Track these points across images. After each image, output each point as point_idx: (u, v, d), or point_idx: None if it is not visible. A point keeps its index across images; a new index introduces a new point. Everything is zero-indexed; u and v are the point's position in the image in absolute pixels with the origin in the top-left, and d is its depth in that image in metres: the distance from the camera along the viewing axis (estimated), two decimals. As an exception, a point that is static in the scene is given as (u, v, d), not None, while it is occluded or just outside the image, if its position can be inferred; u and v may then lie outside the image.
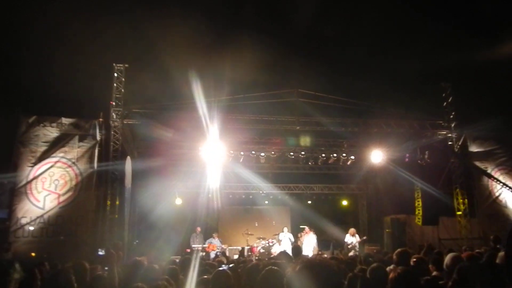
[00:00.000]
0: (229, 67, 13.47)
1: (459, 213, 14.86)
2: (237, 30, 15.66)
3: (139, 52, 13.47)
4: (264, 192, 18.61)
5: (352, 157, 16.57)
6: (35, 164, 12.20)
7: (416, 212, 15.75)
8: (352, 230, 15.34)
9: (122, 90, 13.42)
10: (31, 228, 11.71)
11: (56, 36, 14.58)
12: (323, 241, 16.80)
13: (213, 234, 15.35)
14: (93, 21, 14.84)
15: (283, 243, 15.14)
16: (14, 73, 14.35)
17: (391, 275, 3.16)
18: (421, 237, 15.24)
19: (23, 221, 11.71)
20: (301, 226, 16.13)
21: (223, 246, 15.37)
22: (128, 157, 13.00)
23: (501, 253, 4.68)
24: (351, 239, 15.02)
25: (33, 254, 11.20)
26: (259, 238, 15.86)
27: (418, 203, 15.60)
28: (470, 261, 4.73)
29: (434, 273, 5.08)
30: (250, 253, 15.38)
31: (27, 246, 11.47)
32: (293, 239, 15.36)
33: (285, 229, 15.67)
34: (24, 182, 12.02)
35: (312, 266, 1.85)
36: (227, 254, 15.75)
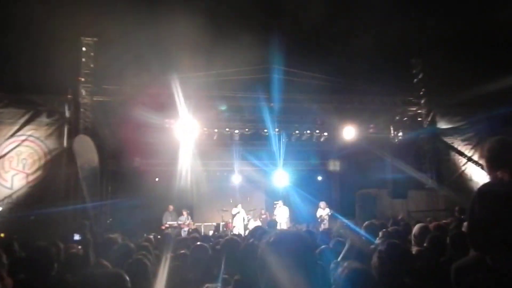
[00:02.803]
0: (202, 42, 13.18)
1: (427, 186, 15.41)
2: (212, 3, 15.28)
3: (109, 25, 12.95)
4: (239, 169, 18.65)
5: (325, 133, 16.74)
6: (1, 142, 11.78)
7: (387, 186, 16.19)
8: (322, 203, 15.65)
9: (91, 65, 13.00)
10: (-1, 208, 11.42)
11: (21, 8, 13.84)
12: (297, 216, 17.10)
13: (183, 211, 15.27)
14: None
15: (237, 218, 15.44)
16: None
17: (379, 248, 3.21)
18: (391, 210, 15.72)
19: (-10, 201, 11.39)
20: (275, 202, 16.32)
21: (191, 222, 15.40)
22: (82, 136, 12.52)
23: (466, 223, 4.89)
24: (322, 212, 15.37)
25: (1, 234, 10.93)
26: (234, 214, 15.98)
27: (388, 177, 16.02)
28: (438, 231, 4.93)
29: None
30: (225, 229, 15.52)
31: (-4, 227, 11.19)
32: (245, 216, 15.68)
33: (239, 206, 15.87)
34: (-11, 161, 11.63)
35: (285, 237, 1.85)
36: (202, 230, 15.86)
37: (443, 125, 15.67)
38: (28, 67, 12.88)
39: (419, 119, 15.78)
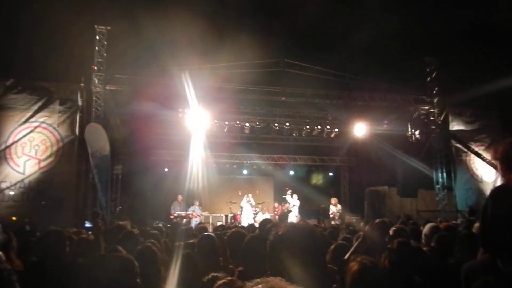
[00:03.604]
0: (214, 34, 13.18)
1: (438, 186, 15.28)
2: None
3: (122, 14, 12.99)
4: (248, 162, 18.69)
5: (336, 129, 16.67)
6: (14, 128, 11.93)
7: (396, 185, 16.10)
8: (334, 199, 15.66)
9: (104, 54, 13.06)
10: (11, 192, 11.58)
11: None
12: (305, 211, 17.11)
13: (195, 202, 15.38)
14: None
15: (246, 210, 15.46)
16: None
17: (389, 244, 3.20)
18: (400, 208, 15.64)
19: (3, 185, 11.55)
20: (287, 190, 16.12)
21: (203, 213, 15.54)
22: (94, 124, 12.61)
23: (477, 224, 4.83)
24: (333, 208, 15.37)
25: (14, 218, 11.12)
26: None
27: (398, 176, 15.92)
28: (448, 231, 4.88)
29: (412, 242, 5.24)
30: (233, 221, 15.60)
31: (8, 211, 11.36)
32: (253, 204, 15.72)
33: (247, 198, 15.88)
34: (3, 146, 11.77)
35: (295, 230, 1.82)
36: (211, 221, 15.97)
37: (455, 124, 15.49)
38: (42, 55, 13.02)
39: (432, 118, 15.61)
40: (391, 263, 2.97)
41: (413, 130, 15.38)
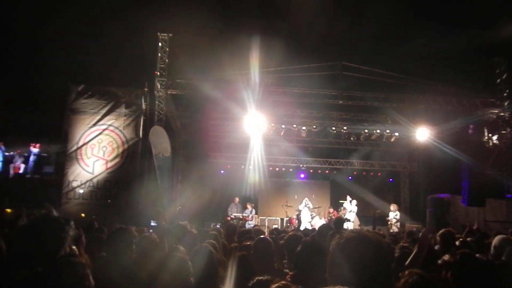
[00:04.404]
0: (273, 38, 13.27)
1: (509, 195, 14.24)
2: (281, 1, 15.32)
3: (183, 22, 13.48)
4: (304, 165, 18.57)
5: (396, 133, 16.13)
6: (85, 131, 12.78)
7: (462, 193, 15.22)
8: (393, 205, 15.11)
9: (166, 60, 13.62)
10: (81, 191, 12.41)
11: (103, 6, 14.86)
12: (363, 217, 16.66)
13: (247, 205, 15.42)
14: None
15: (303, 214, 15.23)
16: (63, 45, 14.86)
17: (450, 258, 2.99)
18: (465, 218, 14.74)
19: (74, 184, 12.41)
20: (348, 197, 15.80)
21: (255, 216, 15.58)
22: (157, 127, 13.17)
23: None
24: (391, 214, 14.84)
25: (83, 214, 11.89)
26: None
27: (465, 183, 15.04)
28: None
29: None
30: (289, 224, 15.56)
31: (78, 208, 12.20)
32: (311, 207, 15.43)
33: (304, 202, 15.63)
34: (74, 147, 12.65)
35: (359, 239, 1.72)
36: (266, 224, 16.03)
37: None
38: (109, 62, 13.84)
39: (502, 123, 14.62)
40: (454, 278, 2.77)
41: (490, 135, 14.47)
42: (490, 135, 14.50)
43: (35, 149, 14.19)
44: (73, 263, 2.08)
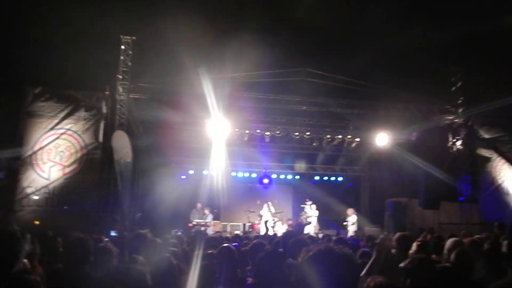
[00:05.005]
0: (236, 44, 13.29)
1: (462, 198, 14.91)
2: (246, 7, 15.36)
3: (146, 25, 13.27)
4: (268, 171, 18.67)
5: (357, 139, 16.55)
6: (41, 135, 12.27)
7: (418, 196, 15.79)
8: (350, 210, 15.41)
9: (129, 64, 13.34)
10: (36, 197, 11.87)
11: (62, 7, 14.37)
12: (324, 221, 16.95)
13: (205, 210, 14.94)
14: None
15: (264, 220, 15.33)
16: (19, 46, 14.21)
17: (407, 263, 3.06)
18: (421, 220, 15.31)
19: (29, 190, 11.87)
20: (306, 200, 16.04)
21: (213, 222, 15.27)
22: (120, 132, 12.88)
23: (506, 241, 4.65)
24: (348, 218, 15.18)
25: (36, 222, 11.38)
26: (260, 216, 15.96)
27: (420, 187, 15.62)
28: (471, 246, 4.73)
29: (433, 256, 5.08)
30: (251, 230, 15.57)
31: (31, 215, 11.67)
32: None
33: (266, 207, 15.71)
34: (30, 152, 12.11)
35: (326, 255, 1.71)
36: (229, 229, 15.96)
37: (481, 134, 15.12)
38: (69, 64, 13.37)
39: (456, 128, 15.32)
40: (412, 283, 2.85)
41: (454, 140, 15.09)
42: (454, 140, 15.12)
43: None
44: (27, 280, 1.97)
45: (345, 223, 15.19)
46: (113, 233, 10.15)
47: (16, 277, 2.03)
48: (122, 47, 13.28)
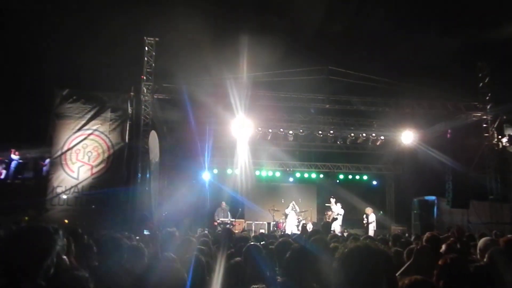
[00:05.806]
0: (259, 44, 13.30)
1: (491, 197, 14.50)
2: (268, 8, 15.39)
3: (169, 26, 13.44)
4: (291, 169, 18.62)
5: (382, 137, 16.32)
6: (69, 135, 12.59)
7: (446, 195, 15.44)
8: (368, 208, 15.22)
9: (153, 65, 13.53)
10: (65, 197, 12.19)
11: (88, 11, 14.72)
12: (348, 220, 16.76)
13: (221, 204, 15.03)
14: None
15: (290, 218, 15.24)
16: (47, 50, 14.63)
17: (440, 261, 3.01)
18: (450, 219, 14.97)
19: (59, 190, 12.19)
20: (331, 198, 15.86)
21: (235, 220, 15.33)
22: (153, 132, 13.17)
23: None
24: (369, 217, 15.01)
25: (66, 221, 11.68)
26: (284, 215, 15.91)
27: (449, 185, 15.27)
28: (507, 246, 4.58)
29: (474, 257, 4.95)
30: (276, 228, 15.55)
31: (62, 214, 11.99)
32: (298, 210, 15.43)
33: (291, 206, 15.62)
34: (59, 153, 12.44)
35: (362, 251, 1.70)
36: (253, 228, 15.98)
37: (510, 131, 14.68)
38: (95, 66, 13.68)
39: (484, 125, 14.90)
40: (445, 283, 2.80)
41: (499, 137, 14.73)
42: (499, 137, 14.73)
43: (15, 156, 13.86)
44: (77, 277, 2.00)
45: (364, 222, 15.03)
46: (146, 232, 10.32)
47: (66, 274, 2.07)
48: (146, 48, 13.47)
